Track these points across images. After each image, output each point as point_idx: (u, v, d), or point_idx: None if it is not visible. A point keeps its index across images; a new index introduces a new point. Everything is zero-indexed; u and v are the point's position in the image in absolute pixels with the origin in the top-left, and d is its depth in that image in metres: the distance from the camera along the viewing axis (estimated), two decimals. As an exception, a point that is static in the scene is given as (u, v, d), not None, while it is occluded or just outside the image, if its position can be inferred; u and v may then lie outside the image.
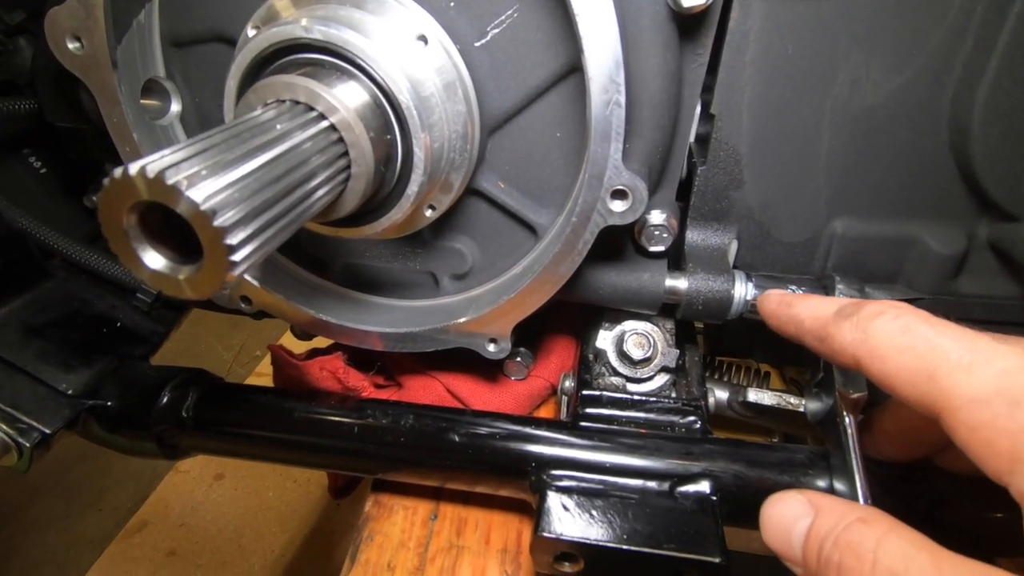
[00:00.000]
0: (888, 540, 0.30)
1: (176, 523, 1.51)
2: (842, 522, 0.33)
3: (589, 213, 0.50)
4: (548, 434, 0.55)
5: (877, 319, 0.35)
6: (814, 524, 0.34)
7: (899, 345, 0.34)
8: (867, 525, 0.32)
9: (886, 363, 0.34)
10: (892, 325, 0.34)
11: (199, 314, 0.83)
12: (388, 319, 0.64)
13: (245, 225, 0.31)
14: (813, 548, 0.33)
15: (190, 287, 0.31)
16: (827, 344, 0.38)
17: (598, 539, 0.48)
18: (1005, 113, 0.48)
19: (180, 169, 0.30)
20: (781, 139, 0.56)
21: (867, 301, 0.38)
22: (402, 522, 0.58)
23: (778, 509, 0.36)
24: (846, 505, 0.34)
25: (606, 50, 0.43)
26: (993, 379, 0.30)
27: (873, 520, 0.32)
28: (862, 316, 0.36)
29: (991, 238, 0.57)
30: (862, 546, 0.31)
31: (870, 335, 0.35)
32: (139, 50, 0.54)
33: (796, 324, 0.42)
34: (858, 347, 0.36)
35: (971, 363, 0.31)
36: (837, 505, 0.34)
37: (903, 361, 0.33)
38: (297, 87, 0.40)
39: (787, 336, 0.44)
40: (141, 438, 0.60)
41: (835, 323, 0.38)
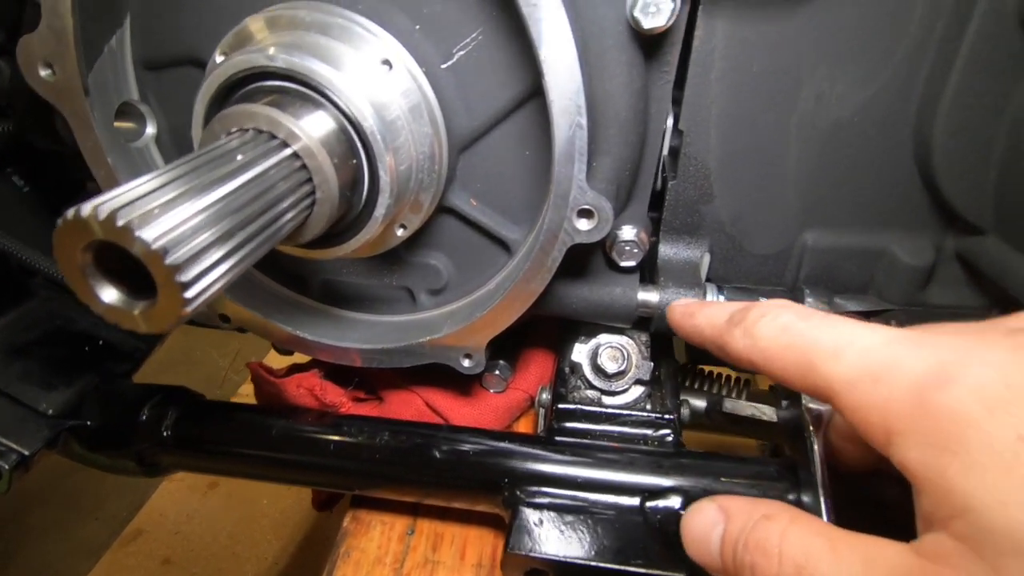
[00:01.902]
0: (790, 532, 0.32)
1: (171, 531, 1.52)
2: (749, 522, 0.34)
3: (556, 232, 0.51)
4: (522, 449, 0.56)
5: (760, 322, 0.36)
6: (726, 529, 0.35)
7: (782, 344, 0.35)
8: (771, 521, 0.33)
9: (775, 363, 0.35)
10: (773, 325, 0.36)
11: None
12: (366, 335, 0.65)
13: (199, 261, 0.32)
14: (728, 553, 0.34)
15: (145, 322, 0.32)
16: (725, 352, 0.39)
17: (567, 556, 0.49)
18: (966, 127, 0.49)
19: (133, 208, 0.30)
20: (749, 154, 0.56)
21: (754, 304, 0.38)
22: (379, 538, 0.59)
23: (695, 520, 0.37)
24: (752, 504, 0.35)
25: (566, 74, 0.44)
26: (857, 359, 0.31)
27: (776, 515, 0.33)
28: (748, 321, 0.37)
29: (958, 250, 0.57)
30: (768, 542, 0.32)
31: (757, 339, 0.36)
32: (111, 75, 0.54)
33: (698, 334, 0.43)
34: (750, 352, 0.37)
35: (837, 349, 0.32)
36: (744, 505, 0.35)
37: (789, 358, 0.34)
38: (259, 116, 0.41)
39: (695, 344, 0.45)
40: (121, 457, 0.60)
41: (728, 331, 0.39)
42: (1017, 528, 0.26)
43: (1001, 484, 0.26)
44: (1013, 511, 0.26)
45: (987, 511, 0.26)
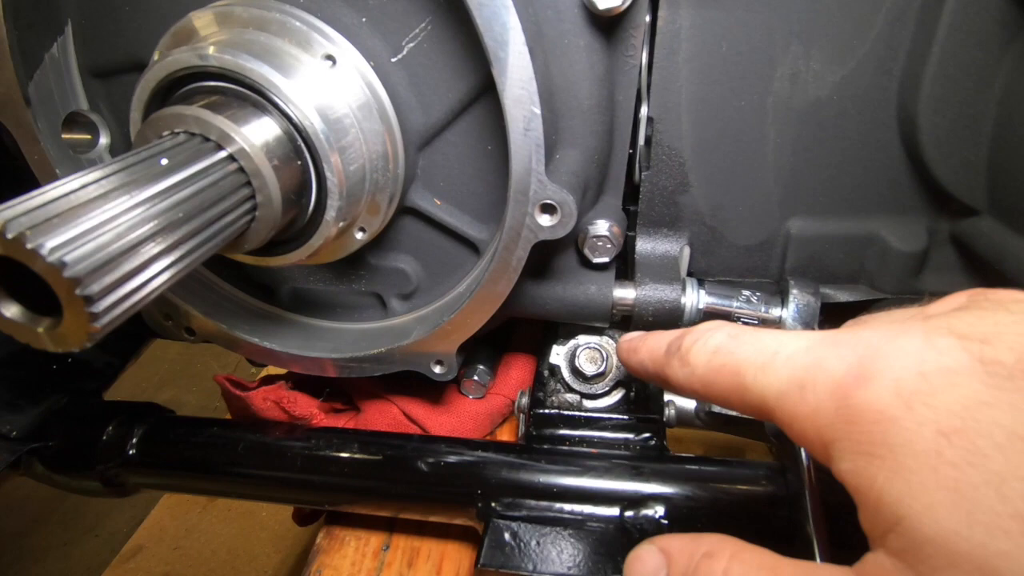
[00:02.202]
0: (731, 570, 0.30)
1: (171, 546, 1.51)
2: (691, 562, 0.32)
3: (519, 229, 0.48)
4: (495, 458, 0.53)
5: (693, 348, 0.35)
6: (669, 573, 0.33)
7: (715, 367, 0.33)
8: (713, 559, 0.31)
9: (713, 389, 0.34)
10: (705, 350, 0.34)
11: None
12: (335, 344, 0.62)
13: (107, 273, 0.29)
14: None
15: (52, 341, 0.30)
16: (670, 385, 0.38)
17: (542, 571, 0.46)
18: (952, 101, 0.46)
19: (31, 218, 0.28)
20: (724, 139, 0.53)
21: (690, 330, 0.37)
22: (353, 554, 0.57)
23: (637, 568, 0.35)
24: (692, 542, 0.33)
25: (515, 61, 0.41)
26: (783, 369, 0.30)
27: (717, 551, 0.31)
28: (683, 350, 0.36)
29: (952, 233, 0.54)
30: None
31: (693, 367, 0.35)
32: (55, 84, 0.53)
33: (644, 370, 0.41)
34: (691, 381, 0.35)
35: (764, 362, 0.31)
36: (685, 545, 0.33)
37: (724, 381, 0.33)
38: (187, 118, 0.39)
39: (647, 380, 0.42)
40: (84, 478, 0.59)
41: (667, 363, 0.37)
42: (948, 537, 0.23)
43: (927, 487, 0.24)
44: (942, 517, 0.23)
45: (916, 520, 0.24)
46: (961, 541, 0.22)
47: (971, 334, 0.26)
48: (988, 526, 0.22)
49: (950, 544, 0.23)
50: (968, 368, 0.25)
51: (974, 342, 0.26)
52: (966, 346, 0.26)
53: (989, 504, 0.22)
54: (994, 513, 0.22)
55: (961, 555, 0.22)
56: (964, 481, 0.23)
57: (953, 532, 0.23)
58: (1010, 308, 0.27)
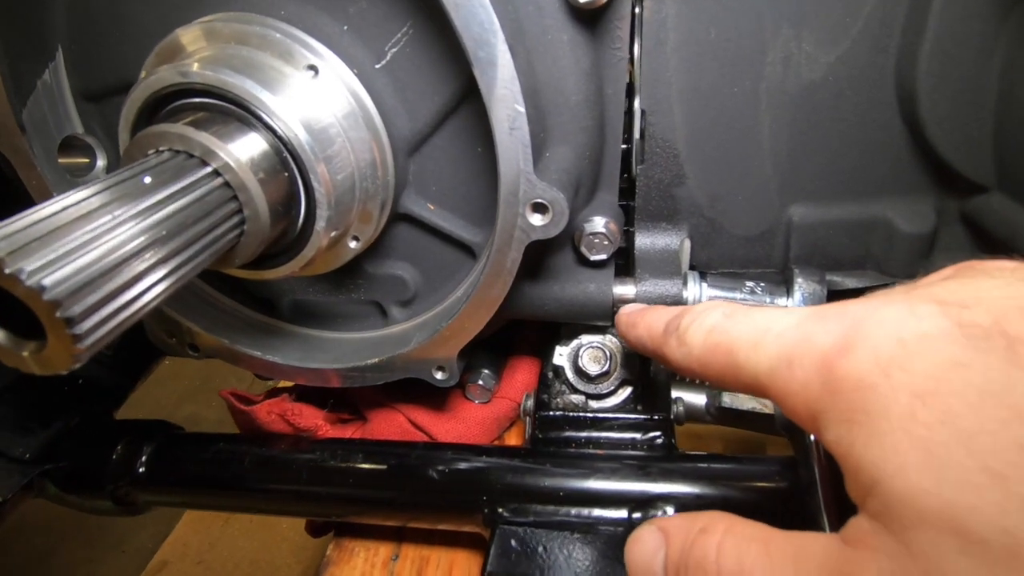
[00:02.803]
0: (725, 543, 0.30)
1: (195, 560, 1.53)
2: (688, 540, 0.32)
3: (511, 230, 0.47)
4: (499, 463, 0.53)
5: (690, 329, 0.35)
6: (667, 553, 0.33)
7: (710, 346, 0.33)
8: (707, 535, 0.31)
9: (710, 369, 0.34)
10: (701, 329, 0.34)
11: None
12: (336, 354, 0.62)
13: (89, 296, 0.29)
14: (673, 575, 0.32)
15: (37, 364, 0.30)
16: (668, 364, 0.37)
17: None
18: (951, 76, 0.44)
19: (9, 243, 0.28)
20: (718, 128, 0.52)
21: (688, 309, 0.37)
22: (362, 565, 0.56)
23: (637, 549, 0.34)
24: (689, 520, 0.33)
25: (497, 60, 0.40)
26: (773, 346, 0.30)
27: (711, 527, 0.31)
28: (680, 329, 0.36)
29: (961, 211, 0.52)
30: (706, 559, 0.30)
31: (690, 346, 0.35)
32: (49, 109, 0.53)
33: (643, 346, 0.41)
34: (688, 361, 0.35)
35: (756, 339, 0.31)
36: (682, 523, 0.33)
37: (719, 360, 0.33)
38: (171, 135, 0.39)
39: (644, 355, 0.42)
40: (95, 497, 0.59)
41: (665, 342, 0.37)
42: (918, 495, 0.23)
43: (900, 448, 0.24)
44: (913, 476, 0.23)
45: (890, 481, 0.24)
46: (931, 498, 0.23)
47: (951, 300, 0.26)
48: (957, 482, 0.22)
49: (920, 501, 0.23)
50: (946, 332, 0.25)
51: (953, 307, 0.26)
52: (946, 311, 0.26)
53: (958, 460, 0.22)
54: (963, 468, 0.22)
55: (931, 511, 0.22)
56: (935, 440, 0.23)
57: (923, 490, 0.23)
58: (992, 274, 0.28)
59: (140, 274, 0.33)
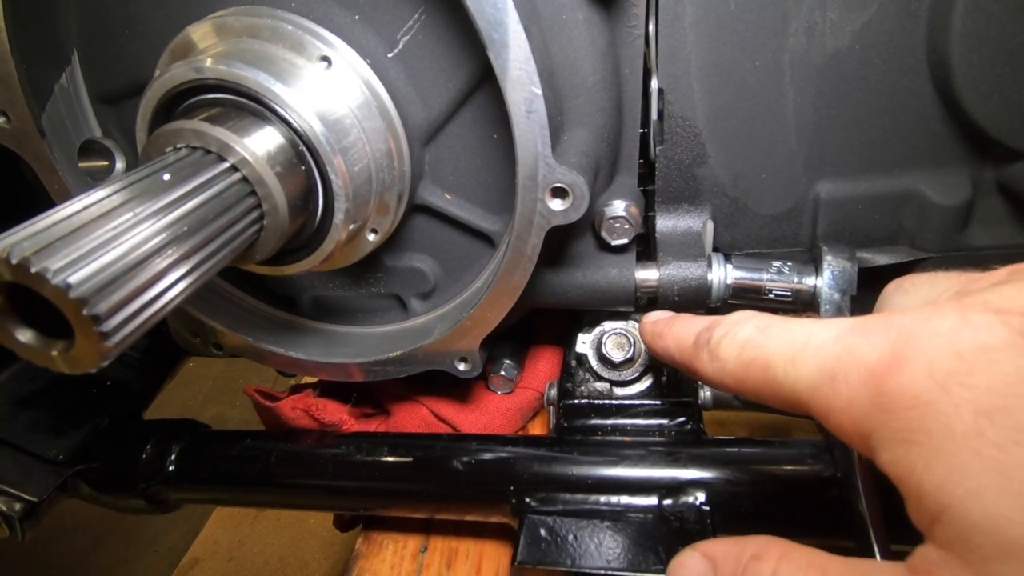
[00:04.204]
0: (780, 571, 0.29)
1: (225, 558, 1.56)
2: (738, 567, 0.30)
3: (531, 216, 0.46)
4: (525, 452, 0.52)
5: (723, 343, 0.34)
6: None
7: (745, 362, 0.32)
8: (761, 561, 0.30)
9: (746, 385, 0.32)
10: (735, 344, 0.33)
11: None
12: (358, 348, 0.62)
13: (115, 293, 0.29)
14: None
15: (65, 363, 0.30)
16: (699, 378, 0.36)
17: (580, 566, 0.45)
18: (987, 37, 0.42)
19: (34, 242, 0.28)
20: (740, 104, 0.51)
21: (719, 321, 0.35)
22: (391, 558, 0.56)
23: (681, 574, 0.33)
24: (738, 545, 0.32)
25: (511, 41, 0.40)
26: (813, 361, 0.29)
27: (765, 553, 0.30)
28: (712, 343, 0.34)
29: (999, 180, 0.50)
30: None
31: (723, 361, 0.33)
32: (67, 114, 0.54)
33: (670, 358, 0.40)
34: (721, 376, 0.34)
35: (793, 354, 0.30)
36: (730, 549, 0.32)
37: (755, 376, 0.31)
38: (186, 132, 0.38)
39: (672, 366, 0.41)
40: (128, 496, 0.60)
41: (696, 355, 0.36)
42: (998, 523, 0.21)
43: (970, 470, 0.22)
44: (990, 502, 0.21)
45: (962, 507, 0.22)
46: (1013, 527, 0.21)
47: (1010, 308, 0.24)
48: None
49: (1001, 530, 0.21)
50: (1008, 343, 0.23)
51: (1014, 315, 0.24)
52: (1005, 320, 0.24)
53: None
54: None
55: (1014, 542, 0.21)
56: (1010, 462, 0.21)
57: (1003, 517, 0.21)
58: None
59: (163, 271, 0.33)
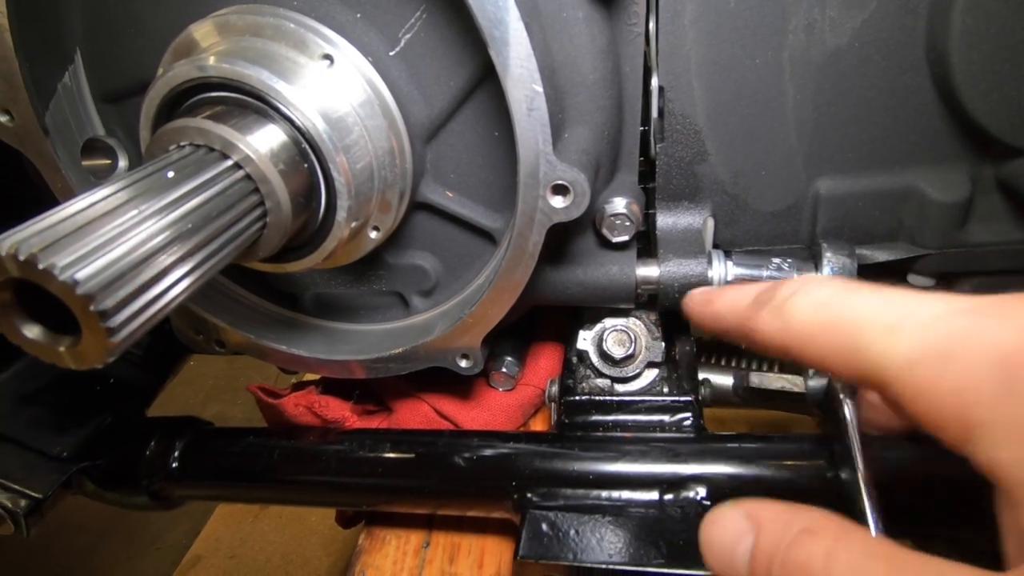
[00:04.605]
0: (837, 552, 0.26)
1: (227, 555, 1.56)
2: (786, 536, 0.28)
3: (532, 213, 0.47)
4: (527, 448, 0.53)
5: (792, 300, 0.31)
6: (757, 543, 0.29)
7: (820, 322, 0.30)
8: (813, 537, 0.27)
9: (812, 347, 0.30)
10: (809, 302, 0.31)
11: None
12: (360, 346, 0.62)
13: (121, 289, 0.30)
14: (760, 572, 0.29)
15: (72, 359, 0.30)
16: (752, 339, 0.34)
17: (581, 560, 0.45)
18: (986, 33, 0.42)
19: (41, 239, 0.28)
20: (740, 101, 0.51)
21: (783, 282, 0.33)
22: (394, 553, 0.57)
23: (717, 530, 0.31)
24: (789, 512, 0.29)
25: (513, 39, 0.40)
26: (919, 334, 0.26)
27: (820, 529, 0.28)
28: (777, 300, 0.32)
29: (998, 177, 0.50)
30: (811, 564, 0.26)
31: (789, 319, 0.31)
32: (71, 112, 0.54)
33: (719, 322, 0.38)
34: (783, 335, 0.32)
35: (893, 323, 0.27)
36: (780, 514, 0.30)
37: (829, 340, 0.29)
38: (190, 130, 0.39)
39: (716, 335, 0.40)
40: (132, 493, 0.60)
41: (754, 313, 0.33)
42: None
43: None
44: None
45: None
46: None
47: None
48: None
49: None
50: None
51: None
52: None
53: None
54: None
55: None
56: None
57: None
58: None
59: (168, 267, 0.33)
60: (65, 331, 0.31)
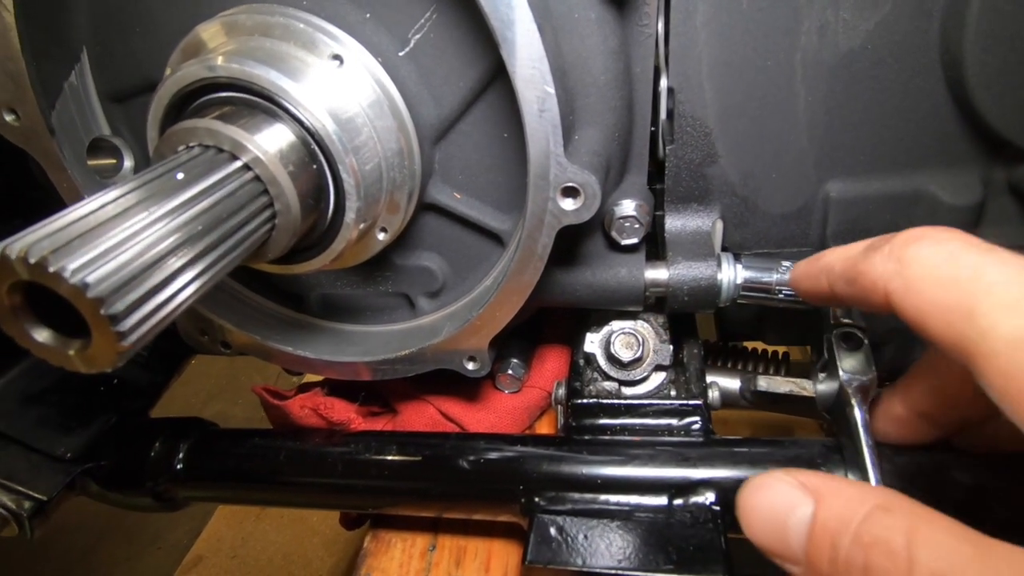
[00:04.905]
0: (922, 532, 0.25)
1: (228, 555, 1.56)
2: (858, 511, 0.27)
3: (541, 215, 0.46)
4: (534, 452, 0.52)
5: (914, 245, 0.30)
6: (818, 515, 0.28)
7: (939, 276, 0.28)
8: (891, 514, 0.26)
9: (921, 297, 0.28)
10: (933, 252, 0.29)
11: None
12: (366, 347, 0.62)
13: (131, 292, 0.29)
14: (823, 546, 0.27)
15: (82, 362, 0.30)
16: (857, 284, 0.32)
17: (590, 565, 0.45)
18: (1001, 37, 0.42)
19: (51, 242, 0.28)
20: (751, 103, 0.50)
21: (908, 230, 0.32)
22: (400, 556, 0.57)
23: (763, 497, 0.30)
24: (855, 488, 0.28)
25: (524, 40, 0.39)
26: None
27: (896, 507, 0.26)
28: (896, 244, 0.31)
29: (1011, 181, 0.50)
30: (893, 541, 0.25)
31: (906, 264, 0.29)
32: (77, 112, 0.53)
33: (827, 273, 0.36)
34: (891, 279, 0.30)
35: (1018, 299, 0.25)
36: (844, 488, 0.28)
37: (941, 296, 0.28)
38: (199, 130, 0.38)
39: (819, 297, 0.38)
40: (136, 494, 0.60)
41: (865, 257, 0.32)
42: None
43: None
44: None
45: None
46: None
47: None
48: None
49: None
50: None
51: None
52: None
53: None
54: None
55: None
56: None
57: None
58: None
59: (178, 270, 0.33)
60: (74, 334, 0.31)
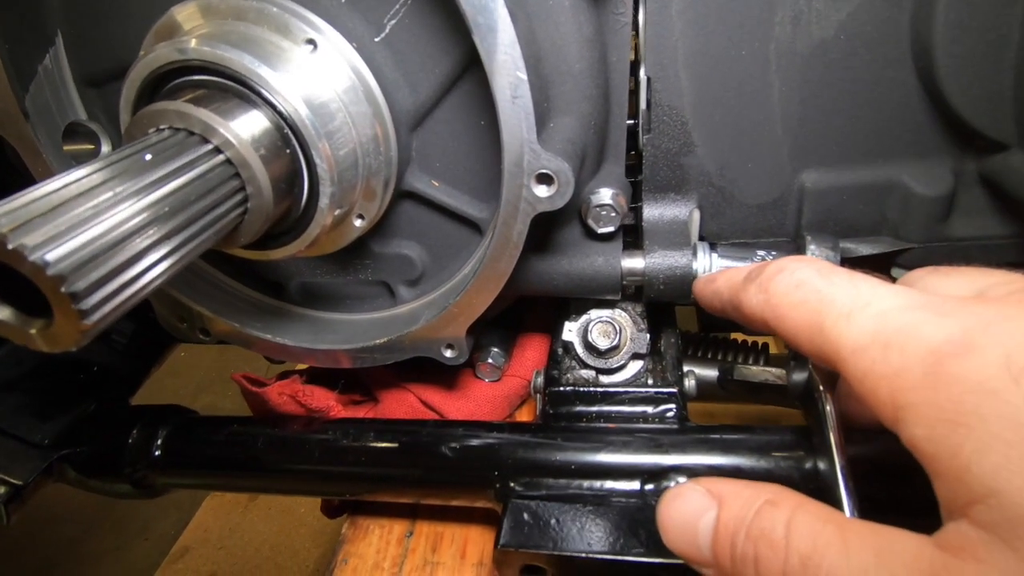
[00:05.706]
0: (796, 519, 0.29)
1: (216, 546, 1.56)
2: (750, 509, 0.30)
3: (516, 202, 0.47)
4: (510, 438, 0.53)
5: (776, 277, 0.34)
6: (720, 517, 0.31)
7: (794, 301, 0.32)
8: (776, 508, 0.29)
9: (786, 322, 0.33)
10: (788, 281, 0.33)
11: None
12: (346, 335, 0.62)
13: (93, 271, 0.29)
14: (724, 544, 0.30)
15: (44, 341, 0.30)
16: (740, 311, 0.37)
17: (562, 549, 0.45)
18: (970, 28, 0.42)
19: (11, 219, 0.28)
20: (726, 93, 0.51)
21: (775, 261, 0.36)
22: (377, 542, 0.57)
23: (676, 507, 0.33)
24: (751, 488, 0.31)
25: (497, 26, 0.39)
26: (870, 323, 0.29)
27: (781, 500, 0.30)
28: (763, 277, 0.35)
29: (980, 172, 0.50)
30: (774, 532, 0.29)
31: (770, 295, 0.34)
32: (52, 96, 0.53)
33: (718, 297, 0.41)
34: (763, 309, 0.34)
35: (851, 310, 0.30)
36: (741, 490, 0.32)
37: (800, 317, 0.32)
38: (170, 113, 0.38)
39: (718, 314, 0.42)
40: (114, 481, 0.60)
41: (743, 288, 0.36)
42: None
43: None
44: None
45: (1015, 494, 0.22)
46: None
47: None
48: None
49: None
50: None
51: None
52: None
53: None
54: None
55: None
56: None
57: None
58: None
59: (144, 251, 0.33)
60: (39, 314, 0.31)
